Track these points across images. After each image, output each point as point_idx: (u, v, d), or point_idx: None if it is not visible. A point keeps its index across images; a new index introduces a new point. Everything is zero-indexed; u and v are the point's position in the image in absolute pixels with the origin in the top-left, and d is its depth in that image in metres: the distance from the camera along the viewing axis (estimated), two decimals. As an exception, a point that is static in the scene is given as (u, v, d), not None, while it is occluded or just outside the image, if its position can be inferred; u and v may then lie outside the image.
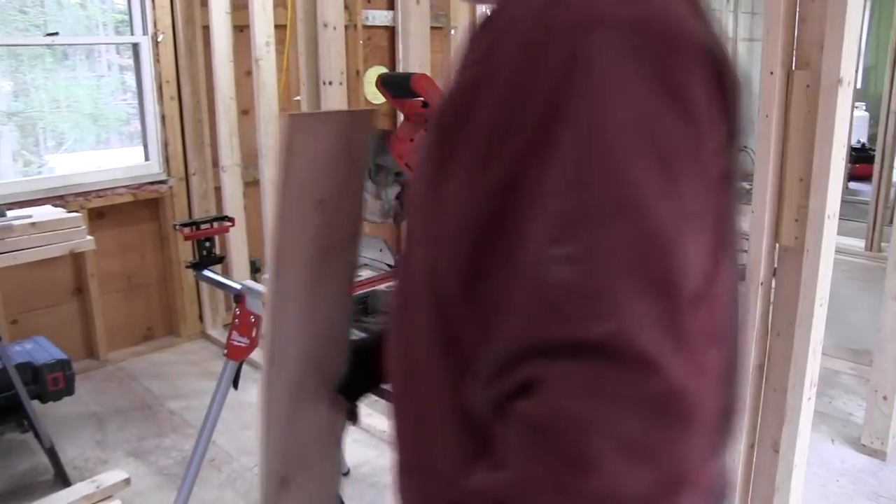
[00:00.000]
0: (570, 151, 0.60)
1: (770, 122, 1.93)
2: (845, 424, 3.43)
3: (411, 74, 1.84)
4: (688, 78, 0.63)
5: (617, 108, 0.60)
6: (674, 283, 0.59)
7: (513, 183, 0.64)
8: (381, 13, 5.02)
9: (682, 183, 0.62)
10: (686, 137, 0.63)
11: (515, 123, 0.64)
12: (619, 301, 0.57)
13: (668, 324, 0.58)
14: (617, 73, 0.61)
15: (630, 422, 0.55)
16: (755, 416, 2.15)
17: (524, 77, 0.64)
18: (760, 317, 2.07)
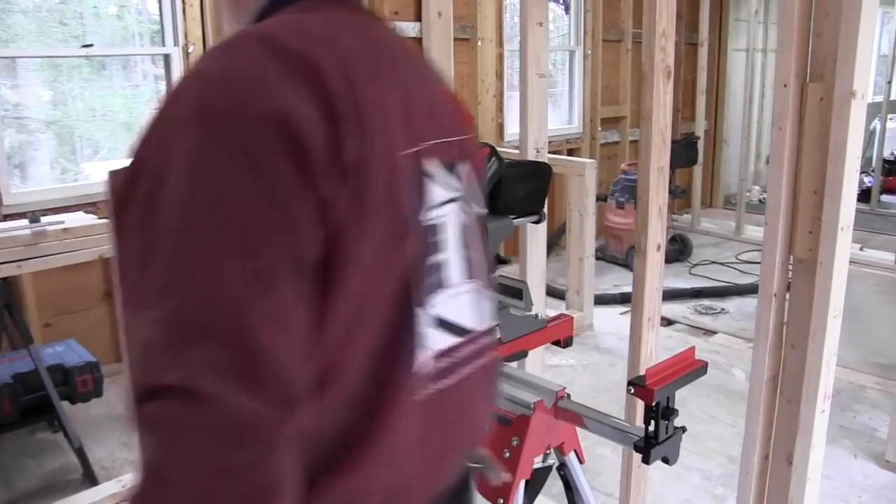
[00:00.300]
0: (156, 231, 0.72)
1: (784, 134, 1.94)
2: (870, 440, 3.40)
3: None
4: (266, 155, 0.73)
5: (194, 189, 0.72)
6: (243, 334, 0.69)
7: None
8: (408, 24, 5.08)
9: (258, 247, 0.72)
10: (263, 207, 0.72)
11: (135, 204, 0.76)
12: (187, 353, 0.68)
13: (236, 366, 0.68)
14: (194, 160, 0.73)
15: (201, 446, 0.67)
16: (769, 428, 2.15)
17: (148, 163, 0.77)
18: (774, 328, 2.07)
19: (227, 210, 0.72)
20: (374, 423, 0.85)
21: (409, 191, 0.87)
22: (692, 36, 7.50)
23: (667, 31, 2.12)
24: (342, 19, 0.91)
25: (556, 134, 6.63)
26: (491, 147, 2.04)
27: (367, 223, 0.80)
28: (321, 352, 0.78)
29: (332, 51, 0.81)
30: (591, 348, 4.53)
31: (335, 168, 0.76)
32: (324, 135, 0.76)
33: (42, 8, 3.95)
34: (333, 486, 0.83)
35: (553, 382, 1.71)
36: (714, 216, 7.84)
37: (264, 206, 0.73)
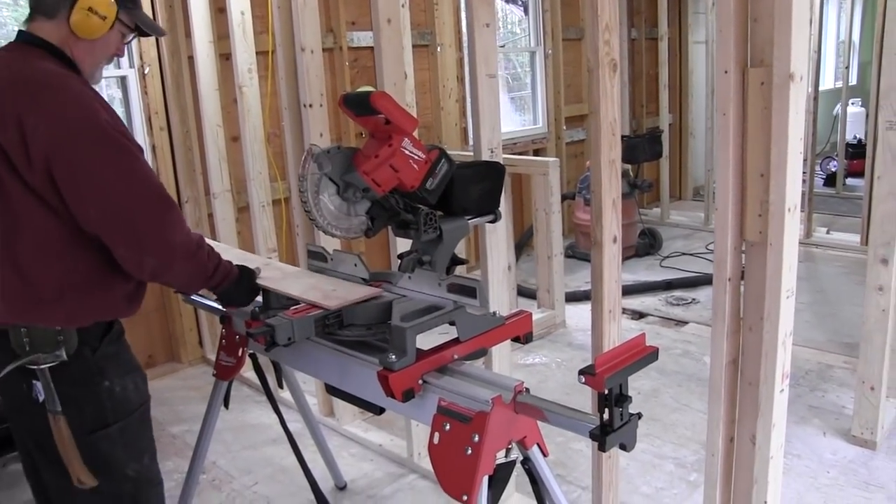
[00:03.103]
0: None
1: (728, 120, 1.97)
2: (838, 417, 3.44)
3: (370, 93, 1.89)
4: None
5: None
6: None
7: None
8: (365, 34, 5.09)
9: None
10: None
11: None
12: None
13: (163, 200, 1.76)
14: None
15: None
16: (732, 411, 2.17)
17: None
18: (731, 312, 2.09)
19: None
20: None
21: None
22: (652, 30, 7.57)
23: (610, 24, 2.13)
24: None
25: (522, 135, 6.67)
26: (440, 149, 2.05)
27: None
28: None
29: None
30: (565, 345, 4.55)
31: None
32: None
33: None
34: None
35: (510, 378, 1.72)
36: (683, 208, 7.90)
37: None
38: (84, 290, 1.80)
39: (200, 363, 4.57)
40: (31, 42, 1.81)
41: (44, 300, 1.76)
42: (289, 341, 1.82)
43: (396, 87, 2.81)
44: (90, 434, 1.83)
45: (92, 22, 1.80)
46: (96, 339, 1.86)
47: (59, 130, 1.67)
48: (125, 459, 1.90)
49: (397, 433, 3.43)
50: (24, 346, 1.77)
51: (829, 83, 10.69)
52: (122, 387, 1.89)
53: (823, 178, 8.77)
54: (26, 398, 1.82)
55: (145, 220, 1.73)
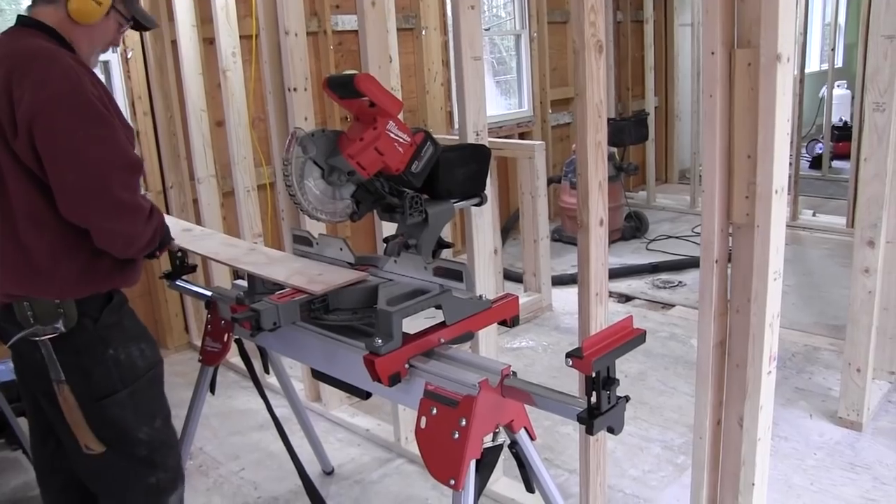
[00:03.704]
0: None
1: (714, 102, 1.96)
2: (824, 399, 3.46)
3: (354, 75, 1.87)
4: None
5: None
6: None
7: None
8: (349, 17, 5.05)
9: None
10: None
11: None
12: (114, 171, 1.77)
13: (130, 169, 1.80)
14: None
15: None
16: (720, 393, 2.18)
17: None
18: (718, 295, 2.09)
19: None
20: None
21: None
22: (638, 13, 7.54)
23: (596, 5, 2.12)
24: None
25: (508, 118, 6.64)
26: (425, 132, 2.03)
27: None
28: None
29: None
30: (552, 329, 4.55)
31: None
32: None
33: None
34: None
35: (497, 361, 1.71)
36: (669, 191, 7.91)
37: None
38: (75, 260, 1.86)
39: (186, 349, 4.55)
40: (29, 25, 1.88)
41: (39, 271, 1.83)
42: (274, 326, 1.81)
43: (381, 70, 2.79)
44: (100, 400, 1.91)
45: (89, 7, 1.87)
46: (96, 311, 1.92)
47: (41, 96, 1.71)
48: (136, 423, 1.98)
49: (384, 418, 3.42)
50: (28, 319, 1.84)
51: (815, 66, 10.71)
52: (128, 354, 1.96)
53: (809, 161, 8.79)
54: (40, 365, 1.88)
55: (120, 187, 1.77)
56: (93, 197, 1.76)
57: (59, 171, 1.73)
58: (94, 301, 1.92)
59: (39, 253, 1.82)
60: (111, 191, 1.76)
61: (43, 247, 1.82)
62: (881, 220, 2.99)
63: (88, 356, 1.90)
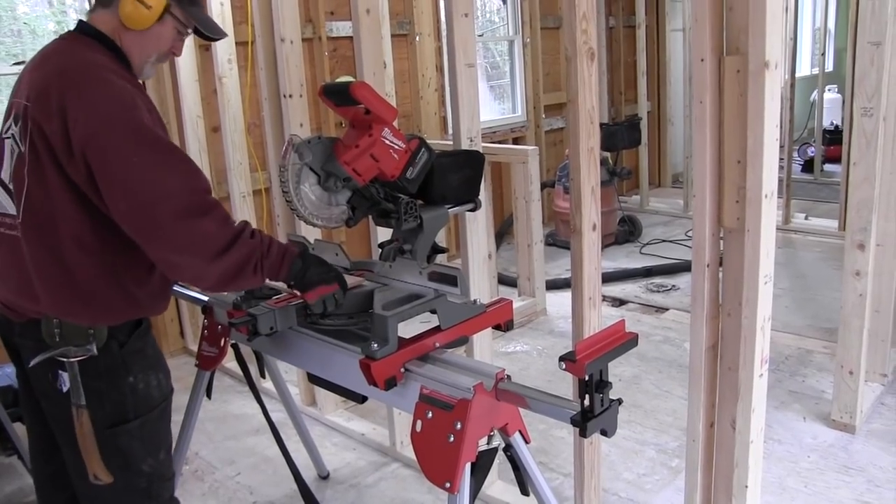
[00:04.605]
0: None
1: (704, 108, 1.98)
2: (818, 402, 3.48)
3: (350, 83, 1.89)
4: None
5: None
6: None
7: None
8: (344, 24, 5.07)
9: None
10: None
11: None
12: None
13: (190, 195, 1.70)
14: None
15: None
16: (712, 396, 2.20)
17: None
18: (709, 298, 2.12)
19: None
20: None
21: (5, 117, 1.83)
22: (630, 18, 7.59)
23: (587, 13, 2.14)
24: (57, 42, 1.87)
25: (501, 123, 6.67)
26: (420, 139, 2.05)
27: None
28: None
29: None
30: (546, 333, 4.58)
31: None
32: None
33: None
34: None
35: (492, 365, 1.73)
36: (663, 195, 7.94)
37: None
38: (118, 287, 1.80)
39: (182, 354, 4.56)
40: (85, 32, 1.83)
41: (81, 294, 1.76)
42: (271, 331, 1.83)
43: (376, 77, 2.81)
44: (109, 428, 1.84)
45: (140, 12, 1.79)
46: (125, 335, 1.86)
47: (95, 120, 1.65)
48: (142, 454, 1.91)
49: (379, 422, 3.44)
50: (54, 337, 1.77)
51: (806, 70, 10.77)
52: (146, 383, 1.89)
53: (801, 165, 8.84)
54: (51, 386, 1.83)
55: (174, 216, 1.66)
56: (145, 227, 1.68)
57: (113, 198, 1.67)
58: (125, 324, 1.86)
59: (83, 275, 1.76)
60: (162, 220, 1.66)
61: (87, 270, 1.76)
62: (871, 223, 3.02)
63: (107, 381, 1.83)
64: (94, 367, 1.80)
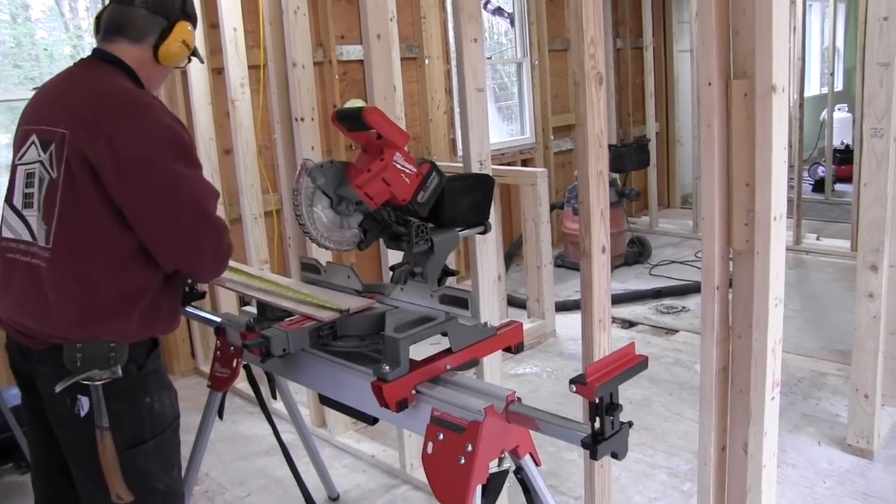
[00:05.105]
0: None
1: (712, 131, 2.00)
2: (832, 426, 3.45)
3: (363, 108, 1.91)
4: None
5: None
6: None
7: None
8: (354, 48, 5.12)
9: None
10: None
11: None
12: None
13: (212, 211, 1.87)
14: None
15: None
16: (724, 419, 2.20)
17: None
18: (719, 320, 2.12)
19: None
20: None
21: (18, 145, 1.92)
22: (637, 40, 7.63)
23: (595, 38, 2.17)
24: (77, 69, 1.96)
25: (510, 145, 6.70)
26: (431, 163, 2.07)
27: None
28: None
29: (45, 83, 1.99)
30: (555, 355, 4.57)
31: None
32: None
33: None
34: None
35: (502, 388, 1.74)
36: (672, 216, 7.95)
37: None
38: (138, 304, 1.85)
39: (192, 374, 4.58)
40: (105, 59, 1.92)
41: (104, 312, 1.81)
42: (284, 352, 1.84)
43: (386, 101, 2.84)
44: (128, 450, 1.86)
45: (179, 50, 1.96)
46: (143, 356, 1.91)
47: (151, 146, 1.78)
48: (158, 473, 1.95)
49: (389, 444, 3.44)
50: (75, 362, 1.79)
51: (815, 89, 10.78)
52: (161, 402, 1.94)
53: (812, 185, 8.83)
54: (68, 412, 1.84)
55: (215, 216, 1.90)
56: (207, 234, 1.85)
57: (178, 216, 1.80)
58: (142, 346, 1.90)
59: (107, 294, 1.81)
60: (213, 221, 1.87)
61: (112, 288, 1.81)
62: (883, 244, 3.01)
63: (127, 403, 1.87)
64: (114, 390, 1.83)
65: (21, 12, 4.13)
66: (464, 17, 2.53)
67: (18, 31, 4.12)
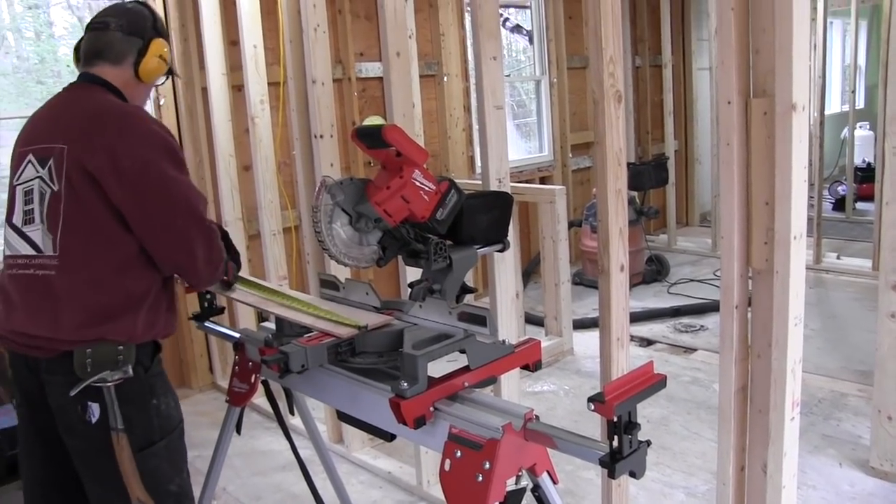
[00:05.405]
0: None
1: (732, 150, 2.00)
2: (854, 447, 3.41)
3: (382, 126, 1.93)
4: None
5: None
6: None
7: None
8: (373, 65, 5.16)
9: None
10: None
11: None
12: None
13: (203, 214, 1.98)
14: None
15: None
16: (743, 439, 2.18)
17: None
18: (738, 339, 2.12)
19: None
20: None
21: (14, 167, 2.00)
22: (656, 58, 7.63)
23: (614, 56, 2.18)
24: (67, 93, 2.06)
25: (528, 163, 6.71)
26: (450, 181, 2.08)
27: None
28: None
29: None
30: (573, 372, 4.55)
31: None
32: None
33: (20, 69, 4.02)
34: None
35: (521, 405, 1.73)
36: (690, 234, 7.91)
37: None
38: (142, 305, 1.96)
39: (210, 389, 4.59)
40: (96, 82, 2.05)
41: (114, 314, 1.91)
42: (302, 368, 1.84)
43: (405, 118, 2.86)
44: (139, 452, 1.93)
45: (158, 66, 2.11)
46: (148, 359, 2.00)
47: (147, 151, 1.91)
48: (170, 475, 2.02)
49: (406, 460, 3.43)
50: (86, 367, 1.86)
51: (836, 107, 10.73)
52: (167, 404, 2.03)
53: (833, 203, 8.77)
54: (79, 419, 1.90)
55: (206, 218, 2.03)
56: (198, 233, 1.97)
57: (172, 216, 1.92)
58: (147, 349, 1.99)
59: (116, 294, 1.91)
60: (209, 227, 2.02)
61: (120, 289, 1.91)
62: (905, 264, 2.99)
63: (136, 406, 1.94)
64: (125, 394, 1.90)
65: (45, 29, 4.20)
66: (483, 34, 2.54)
67: (42, 48, 4.19)
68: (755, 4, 1.95)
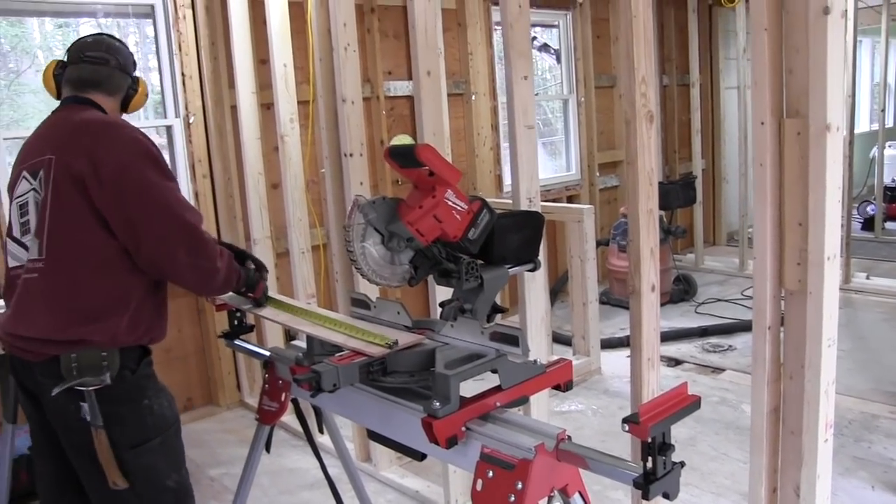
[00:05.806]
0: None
1: (765, 171, 2.00)
2: (886, 470, 3.37)
3: (415, 145, 1.94)
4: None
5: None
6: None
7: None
8: (401, 83, 5.20)
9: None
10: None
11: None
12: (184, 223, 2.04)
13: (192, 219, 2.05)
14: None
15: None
16: (775, 460, 2.16)
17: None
18: (771, 360, 2.10)
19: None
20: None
21: (11, 186, 2.15)
22: (684, 77, 7.62)
23: (646, 76, 2.18)
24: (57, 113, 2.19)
25: (556, 182, 6.71)
26: (482, 200, 2.09)
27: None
28: None
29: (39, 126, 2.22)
30: (601, 392, 4.53)
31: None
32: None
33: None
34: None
35: (553, 425, 1.73)
36: (717, 254, 7.86)
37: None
38: (126, 310, 2.06)
39: (238, 407, 4.62)
40: (85, 102, 2.21)
41: (95, 317, 2.02)
42: (334, 387, 1.85)
43: (436, 137, 2.87)
44: (134, 448, 2.06)
45: (141, 101, 2.35)
46: (135, 363, 2.11)
47: (126, 156, 2.02)
48: (167, 471, 2.15)
49: (434, 479, 3.43)
50: (71, 371, 2.00)
51: (865, 126, 10.64)
52: (160, 404, 2.15)
53: (861, 223, 8.68)
54: (74, 417, 2.03)
55: (196, 227, 2.09)
56: (180, 237, 2.03)
57: (151, 218, 2.00)
58: (133, 353, 2.10)
59: (96, 296, 2.02)
60: (193, 230, 2.06)
61: (100, 290, 2.02)
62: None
63: (126, 405, 2.07)
64: (115, 395, 2.04)
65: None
66: (514, 54, 2.56)
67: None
68: (789, 24, 1.95)
